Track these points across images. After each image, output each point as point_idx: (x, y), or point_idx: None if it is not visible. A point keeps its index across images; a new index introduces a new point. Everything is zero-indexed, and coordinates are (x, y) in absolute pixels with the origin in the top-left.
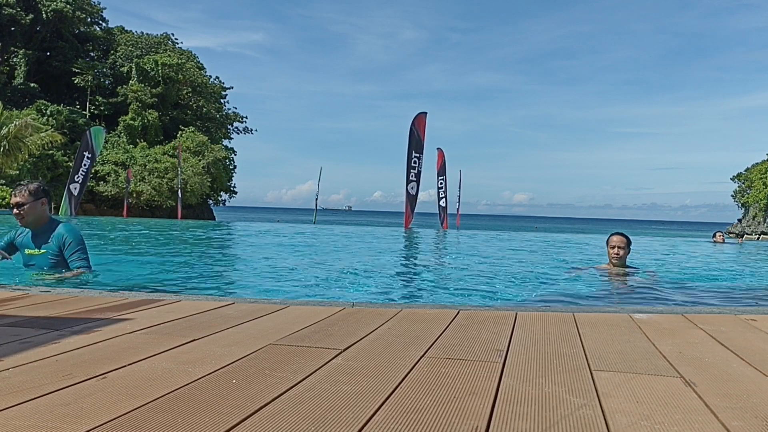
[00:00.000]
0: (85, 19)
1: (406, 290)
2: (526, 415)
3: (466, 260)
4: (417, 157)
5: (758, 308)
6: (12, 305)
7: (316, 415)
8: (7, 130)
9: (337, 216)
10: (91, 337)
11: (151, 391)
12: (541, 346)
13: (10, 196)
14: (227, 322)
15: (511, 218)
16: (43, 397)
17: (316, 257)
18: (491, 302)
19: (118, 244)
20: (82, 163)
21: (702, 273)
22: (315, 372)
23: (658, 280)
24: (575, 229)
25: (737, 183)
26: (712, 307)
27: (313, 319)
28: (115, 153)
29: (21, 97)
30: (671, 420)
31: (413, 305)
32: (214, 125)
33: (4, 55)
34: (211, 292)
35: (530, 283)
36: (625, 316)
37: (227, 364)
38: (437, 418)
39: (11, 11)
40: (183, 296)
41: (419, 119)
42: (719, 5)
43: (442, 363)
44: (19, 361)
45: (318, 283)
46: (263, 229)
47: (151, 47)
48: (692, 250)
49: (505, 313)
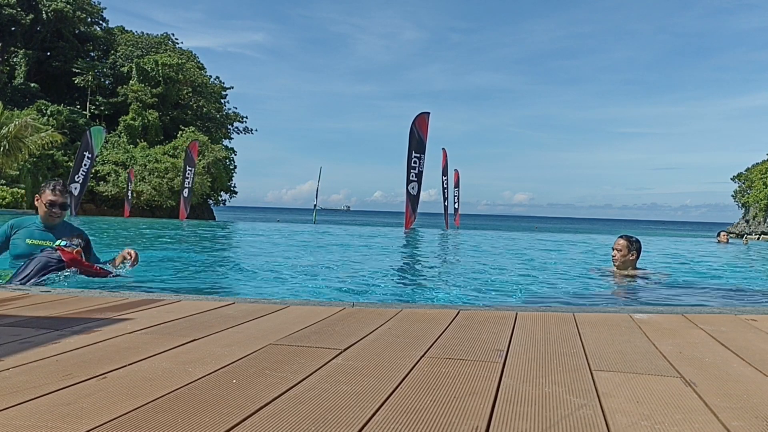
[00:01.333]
0: (86, 19)
1: (406, 290)
2: (526, 415)
3: (466, 260)
4: (417, 157)
5: (758, 308)
6: (12, 305)
7: (317, 415)
8: (7, 130)
9: (336, 216)
10: (91, 337)
11: (152, 391)
12: (541, 346)
13: (56, 195)
14: (227, 322)
15: (511, 218)
16: (43, 397)
17: (316, 257)
18: (491, 302)
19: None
20: (83, 163)
21: (703, 273)
22: (315, 372)
23: (660, 281)
24: (575, 229)
25: (737, 183)
26: (712, 307)
27: (313, 319)
28: (116, 153)
29: (21, 97)
30: (671, 420)
31: (413, 305)
32: (215, 125)
33: (5, 55)
34: (212, 292)
35: (530, 283)
36: (626, 316)
37: (227, 364)
38: (437, 418)
39: (11, 11)
40: (183, 296)
41: (420, 119)
42: (719, 5)
43: (443, 363)
44: (19, 361)
45: (318, 283)
46: (263, 229)
47: (152, 47)
48: (693, 250)
49: (505, 313)
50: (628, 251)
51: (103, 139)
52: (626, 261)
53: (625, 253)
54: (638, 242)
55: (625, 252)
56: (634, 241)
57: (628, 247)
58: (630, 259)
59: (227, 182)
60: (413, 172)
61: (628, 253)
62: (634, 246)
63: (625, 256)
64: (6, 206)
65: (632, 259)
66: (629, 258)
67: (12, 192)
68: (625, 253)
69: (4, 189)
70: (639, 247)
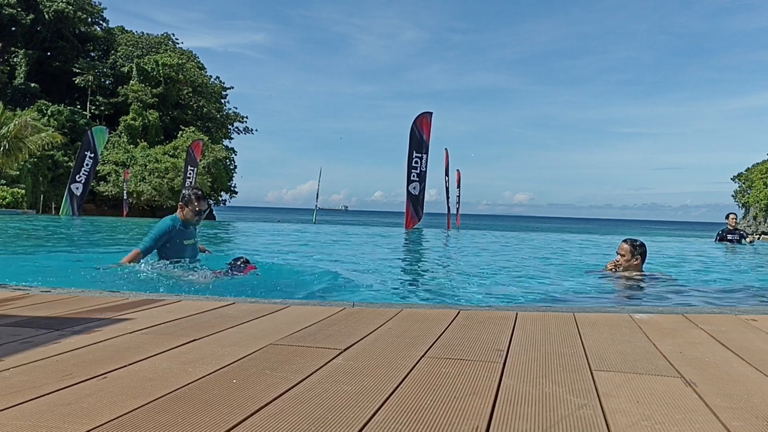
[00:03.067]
0: (86, 19)
1: (407, 290)
2: (526, 415)
3: (466, 260)
4: (419, 157)
5: (759, 308)
6: (13, 305)
7: (317, 414)
8: (7, 130)
9: (334, 216)
10: (91, 337)
11: (152, 391)
12: (541, 346)
13: (200, 204)
14: (228, 322)
15: (511, 218)
16: (43, 397)
17: (316, 257)
18: (492, 302)
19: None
20: (84, 162)
21: (703, 273)
22: (315, 372)
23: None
24: (576, 229)
25: (738, 183)
26: (712, 307)
27: (313, 319)
28: (116, 153)
29: (21, 97)
30: (672, 420)
31: (414, 305)
32: (215, 125)
33: (5, 55)
34: (212, 292)
35: (531, 283)
36: (626, 316)
37: (228, 363)
38: (438, 418)
39: (12, 11)
40: (183, 296)
41: (422, 119)
42: (719, 5)
43: (443, 363)
44: (19, 360)
45: (318, 282)
46: (264, 229)
47: (152, 47)
48: (693, 250)
49: (506, 313)
50: (631, 256)
51: (106, 139)
52: (630, 266)
53: (629, 258)
54: (643, 246)
55: (628, 257)
56: (639, 245)
57: (631, 252)
58: (634, 264)
59: (227, 182)
60: (414, 172)
61: (631, 258)
62: (638, 250)
63: (629, 261)
64: (6, 206)
65: (636, 263)
66: (633, 263)
67: (12, 192)
68: (628, 258)
69: (5, 189)
70: (644, 252)
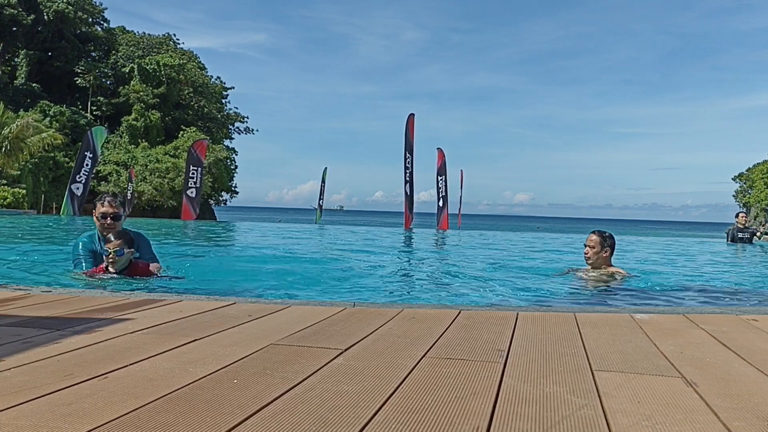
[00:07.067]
0: (87, 20)
1: (407, 290)
2: (527, 415)
3: (466, 260)
4: (409, 157)
5: (760, 308)
6: (13, 305)
7: (317, 415)
8: (8, 131)
9: (334, 216)
10: (92, 337)
11: (153, 391)
12: (542, 346)
13: (99, 208)
14: (228, 322)
15: (512, 218)
16: (44, 397)
17: (316, 257)
18: (492, 302)
19: None
20: (84, 163)
21: (703, 273)
22: (316, 372)
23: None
24: (576, 229)
25: (738, 183)
26: (713, 307)
27: (314, 319)
28: (117, 153)
29: (22, 98)
30: (672, 420)
31: (414, 305)
32: (216, 125)
33: (6, 55)
34: (212, 292)
35: (531, 283)
36: (627, 316)
37: (228, 364)
38: (438, 418)
39: (13, 12)
40: (184, 296)
41: (410, 120)
42: (719, 5)
43: (444, 363)
44: (20, 360)
45: (319, 282)
46: (264, 228)
47: (153, 47)
48: (694, 250)
49: (507, 313)
50: (601, 247)
51: (105, 139)
52: (599, 258)
53: (598, 249)
54: (612, 238)
55: (598, 249)
56: (608, 236)
57: (601, 243)
58: (603, 256)
59: (228, 182)
60: (408, 173)
61: (601, 249)
62: (608, 242)
63: (598, 253)
64: (7, 206)
65: (605, 255)
66: (602, 255)
67: (13, 192)
68: (597, 249)
69: (6, 189)
70: (612, 243)
